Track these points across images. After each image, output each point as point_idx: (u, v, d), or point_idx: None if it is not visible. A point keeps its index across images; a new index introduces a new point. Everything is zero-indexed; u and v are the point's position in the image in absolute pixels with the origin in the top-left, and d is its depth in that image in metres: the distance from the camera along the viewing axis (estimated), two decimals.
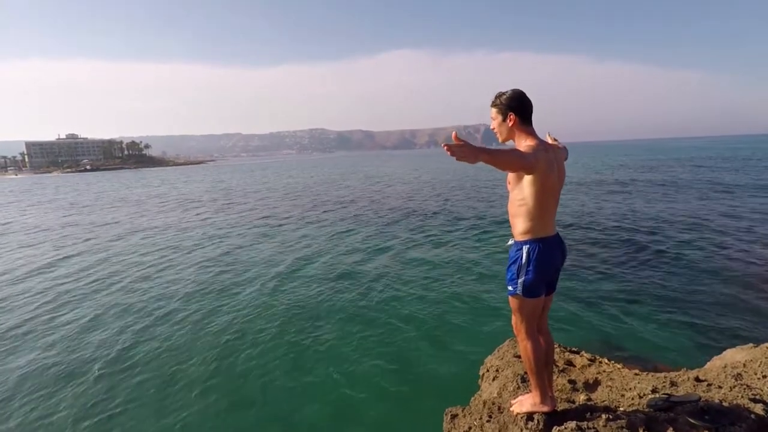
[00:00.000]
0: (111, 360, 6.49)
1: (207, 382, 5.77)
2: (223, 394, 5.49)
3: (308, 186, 38.31)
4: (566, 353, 3.77)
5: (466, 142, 1.80)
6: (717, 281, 8.47)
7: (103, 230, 18.43)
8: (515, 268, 2.32)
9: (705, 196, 19.59)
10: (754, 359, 3.20)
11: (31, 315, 8.46)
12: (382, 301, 8.40)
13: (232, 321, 7.69)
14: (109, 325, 7.78)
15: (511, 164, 2.09)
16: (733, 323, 6.66)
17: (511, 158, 2.05)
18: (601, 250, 11.17)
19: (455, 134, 1.84)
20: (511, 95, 2.28)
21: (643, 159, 57.17)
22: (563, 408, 2.55)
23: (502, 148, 2.02)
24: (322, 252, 12.56)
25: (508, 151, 2.03)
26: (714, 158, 50.54)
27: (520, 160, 2.09)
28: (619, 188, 24.76)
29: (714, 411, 2.31)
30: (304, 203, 25.14)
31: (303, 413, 5.07)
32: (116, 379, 5.95)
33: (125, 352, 6.72)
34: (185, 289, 9.62)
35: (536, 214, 2.24)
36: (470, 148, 1.80)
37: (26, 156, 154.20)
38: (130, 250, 13.99)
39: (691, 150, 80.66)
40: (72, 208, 28.22)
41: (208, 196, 32.20)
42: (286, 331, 7.21)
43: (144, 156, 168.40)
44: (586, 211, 16.98)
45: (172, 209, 25.17)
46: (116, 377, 6.01)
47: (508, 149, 2.07)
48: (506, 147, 2.31)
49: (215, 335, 7.15)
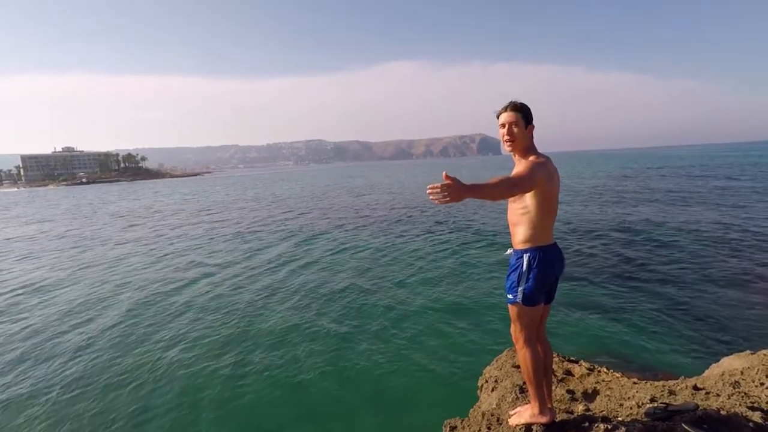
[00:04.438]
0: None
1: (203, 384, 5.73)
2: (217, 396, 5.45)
3: (316, 195, 38.38)
4: (565, 363, 3.76)
5: (455, 180, 1.74)
6: (713, 289, 8.49)
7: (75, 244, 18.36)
8: (515, 276, 2.33)
9: (702, 204, 19.73)
10: (752, 366, 3.20)
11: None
12: (378, 311, 8.36)
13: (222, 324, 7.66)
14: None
15: (508, 194, 2.09)
16: (730, 330, 6.67)
17: (504, 189, 2.02)
18: (598, 259, 11.20)
19: (445, 174, 1.76)
20: (527, 106, 2.31)
21: (637, 167, 57.63)
22: (562, 419, 2.53)
23: (490, 181, 1.93)
24: (316, 262, 12.53)
25: (499, 182, 1.96)
26: (706, 166, 51.02)
27: (518, 188, 2.09)
28: (615, 197, 24.91)
29: (712, 420, 2.31)
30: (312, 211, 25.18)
31: (301, 424, 5.02)
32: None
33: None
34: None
35: (537, 222, 2.27)
36: (456, 187, 1.73)
37: (22, 169, 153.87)
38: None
39: (686, 158, 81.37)
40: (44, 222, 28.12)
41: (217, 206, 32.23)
42: (285, 341, 7.17)
43: (140, 168, 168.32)
44: (582, 220, 17.05)
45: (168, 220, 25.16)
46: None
47: (498, 179, 1.96)
48: (503, 153, 2.29)
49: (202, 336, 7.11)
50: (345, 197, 35.68)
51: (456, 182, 1.75)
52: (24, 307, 9.81)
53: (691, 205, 19.43)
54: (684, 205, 19.79)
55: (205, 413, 5.31)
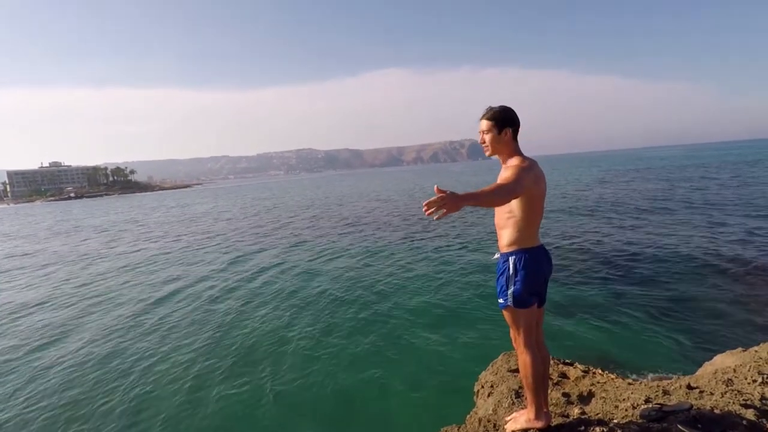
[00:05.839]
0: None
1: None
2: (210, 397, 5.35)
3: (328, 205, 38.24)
4: (560, 365, 3.76)
5: (447, 193, 1.74)
6: (704, 288, 8.58)
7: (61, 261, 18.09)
8: (504, 279, 2.34)
9: (689, 204, 20.00)
10: (744, 364, 3.22)
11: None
12: (373, 317, 8.33)
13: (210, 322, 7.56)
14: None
15: (500, 201, 2.10)
16: (721, 328, 6.74)
17: (497, 197, 2.03)
18: (590, 262, 11.27)
19: (437, 188, 1.75)
20: (507, 110, 2.31)
21: (623, 168, 58.36)
22: (557, 423, 2.52)
23: (485, 189, 1.95)
24: (314, 269, 12.47)
25: (492, 191, 1.97)
26: (691, 166, 51.82)
27: (509, 195, 2.09)
28: (603, 198, 25.17)
29: (706, 419, 2.32)
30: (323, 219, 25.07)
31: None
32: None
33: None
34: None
35: (523, 225, 2.28)
36: (452, 198, 1.73)
37: (8, 185, 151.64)
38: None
39: (670, 159, 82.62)
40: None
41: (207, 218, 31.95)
42: (283, 352, 7.09)
43: (130, 181, 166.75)
44: (572, 224, 17.18)
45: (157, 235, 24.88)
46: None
47: (491, 188, 1.98)
48: (493, 159, 2.31)
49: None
50: (332, 207, 35.57)
51: (450, 194, 1.74)
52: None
53: (678, 205, 19.68)
54: (671, 204, 20.05)
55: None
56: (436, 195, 1.73)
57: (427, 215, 1.72)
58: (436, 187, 1.76)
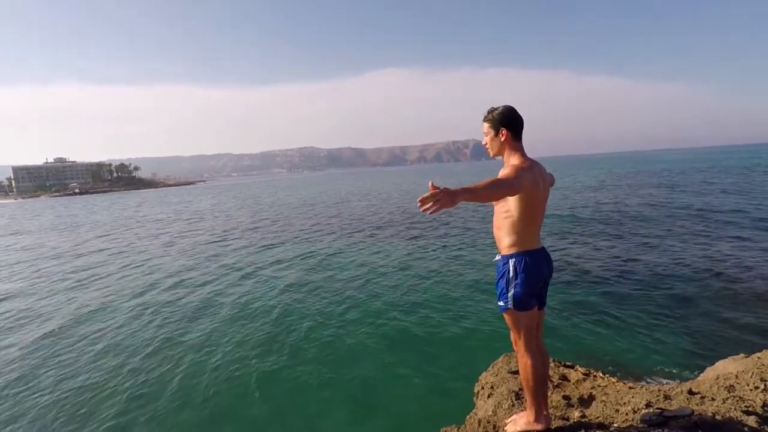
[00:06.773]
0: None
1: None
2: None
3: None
4: (561, 368, 3.74)
5: (442, 189, 1.74)
6: (707, 293, 8.53)
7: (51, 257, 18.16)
8: (503, 282, 2.33)
9: (692, 208, 19.89)
10: (746, 370, 3.20)
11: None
12: (370, 317, 8.32)
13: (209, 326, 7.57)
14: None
15: (495, 195, 2.10)
16: (724, 333, 6.70)
17: (492, 191, 2.02)
18: (592, 265, 11.23)
19: (431, 184, 1.77)
20: (504, 111, 2.30)
21: (626, 170, 58.12)
22: (557, 425, 2.51)
23: (480, 183, 1.93)
24: (314, 269, 12.47)
25: (488, 184, 1.96)
26: (692, 170, 51.53)
27: (504, 189, 2.08)
28: (604, 201, 25.06)
29: (707, 425, 2.30)
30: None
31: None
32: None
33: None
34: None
35: (522, 227, 2.26)
36: (447, 193, 1.73)
37: (13, 180, 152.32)
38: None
39: (672, 162, 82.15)
40: None
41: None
42: (281, 360, 7.10)
43: (134, 178, 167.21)
44: (574, 226, 17.12)
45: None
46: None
47: (487, 181, 1.97)
48: (497, 158, 2.31)
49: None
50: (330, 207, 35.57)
51: (445, 189, 1.75)
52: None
53: (679, 209, 19.58)
54: (673, 208, 19.95)
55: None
56: (431, 191, 1.74)
57: (422, 211, 1.73)
58: (431, 184, 1.77)
